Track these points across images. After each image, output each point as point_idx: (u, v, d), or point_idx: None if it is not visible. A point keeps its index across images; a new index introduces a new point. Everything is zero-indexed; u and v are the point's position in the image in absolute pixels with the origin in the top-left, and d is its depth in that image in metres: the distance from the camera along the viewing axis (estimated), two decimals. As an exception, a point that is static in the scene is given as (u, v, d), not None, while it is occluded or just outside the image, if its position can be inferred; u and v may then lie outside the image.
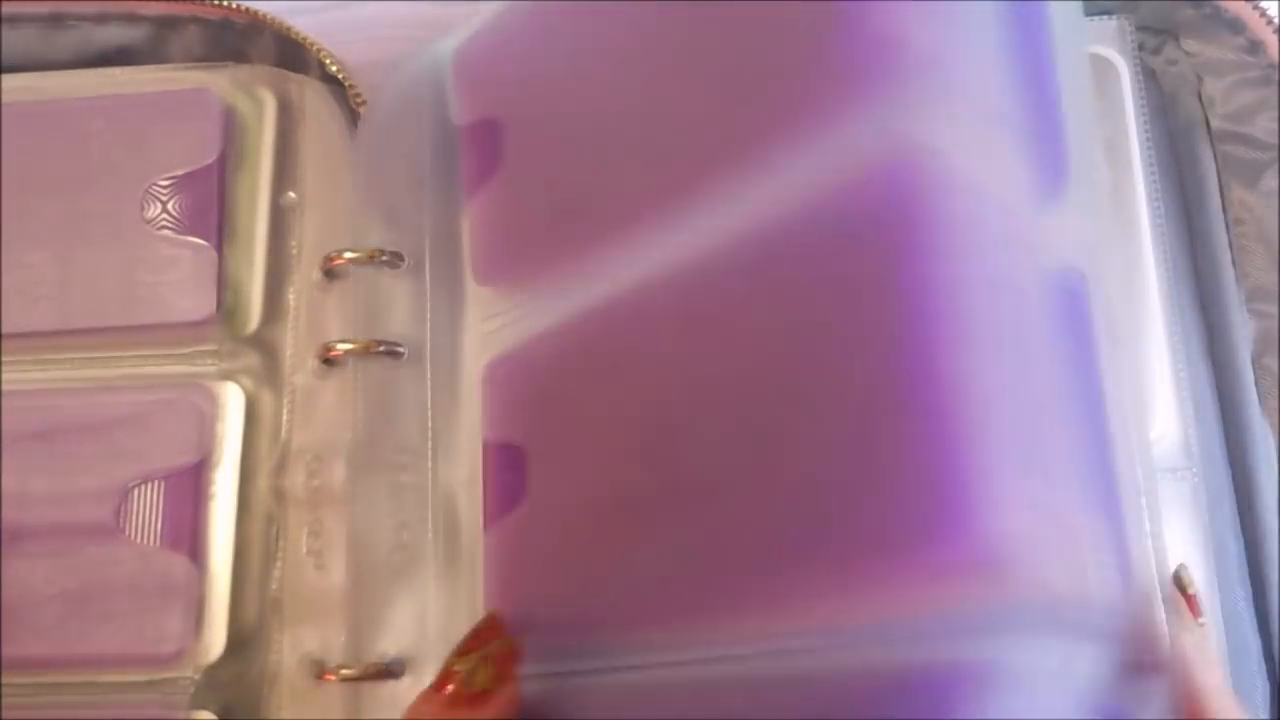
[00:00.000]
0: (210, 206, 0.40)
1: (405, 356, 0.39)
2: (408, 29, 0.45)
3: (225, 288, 0.39)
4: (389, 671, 0.36)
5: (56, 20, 0.42)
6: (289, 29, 0.42)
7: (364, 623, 0.37)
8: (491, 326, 0.37)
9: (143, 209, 0.40)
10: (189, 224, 0.40)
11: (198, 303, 0.39)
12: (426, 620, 0.37)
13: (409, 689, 0.36)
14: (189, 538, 0.37)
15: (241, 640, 0.37)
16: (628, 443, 0.31)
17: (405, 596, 0.37)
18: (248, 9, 0.42)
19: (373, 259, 0.39)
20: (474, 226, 0.38)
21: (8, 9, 0.42)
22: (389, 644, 0.37)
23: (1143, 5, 0.41)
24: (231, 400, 0.39)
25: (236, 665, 0.37)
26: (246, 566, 0.38)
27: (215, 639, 0.37)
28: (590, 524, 0.32)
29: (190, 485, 0.38)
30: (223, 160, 0.40)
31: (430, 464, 0.38)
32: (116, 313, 0.39)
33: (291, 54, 0.43)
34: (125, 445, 0.38)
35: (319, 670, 0.37)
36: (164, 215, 0.40)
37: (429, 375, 0.38)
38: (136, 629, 0.37)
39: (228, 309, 0.39)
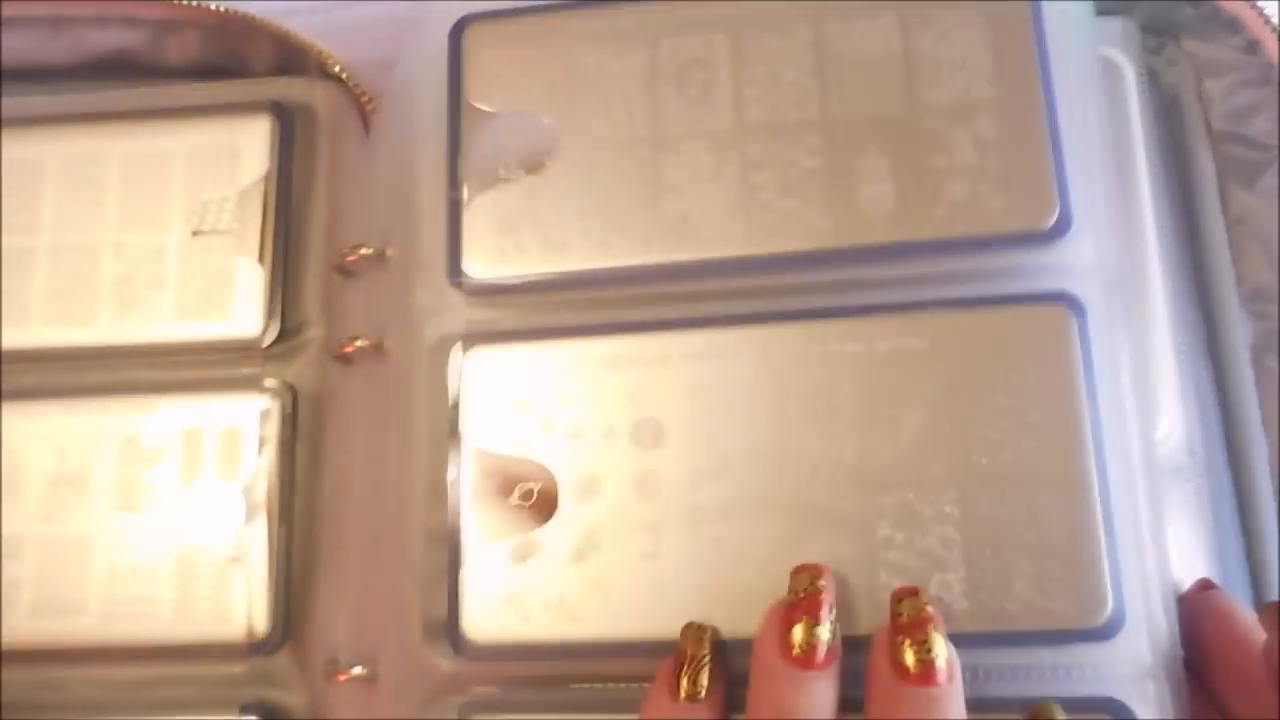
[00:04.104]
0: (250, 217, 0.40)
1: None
2: (403, 29, 0.45)
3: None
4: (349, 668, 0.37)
5: (56, 23, 0.42)
6: (287, 32, 0.42)
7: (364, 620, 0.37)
8: (472, 316, 0.37)
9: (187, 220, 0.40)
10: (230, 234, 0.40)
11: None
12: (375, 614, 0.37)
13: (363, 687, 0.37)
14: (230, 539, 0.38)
15: (276, 638, 0.37)
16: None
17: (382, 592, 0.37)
18: (243, 15, 0.42)
19: (384, 256, 0.39)
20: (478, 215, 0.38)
21: (7, 11, 0.41)
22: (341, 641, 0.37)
23: (1143, 5, 0.41)
24: (252, 404, 0.39)
25: (273, 662, 0.37)
26: (275, 565, 0.38)
27: (255, 635, 0.37)
28: None
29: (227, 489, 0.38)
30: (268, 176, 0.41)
31: (405, 462, 0.37)
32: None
33: (290, 56, 0.43)
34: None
35: (332, 670, 0.37)
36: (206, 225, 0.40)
37: (410, 371, 0.38)
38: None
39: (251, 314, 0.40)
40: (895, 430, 0.33)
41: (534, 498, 0.34)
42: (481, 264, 0.36)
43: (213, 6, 0.42)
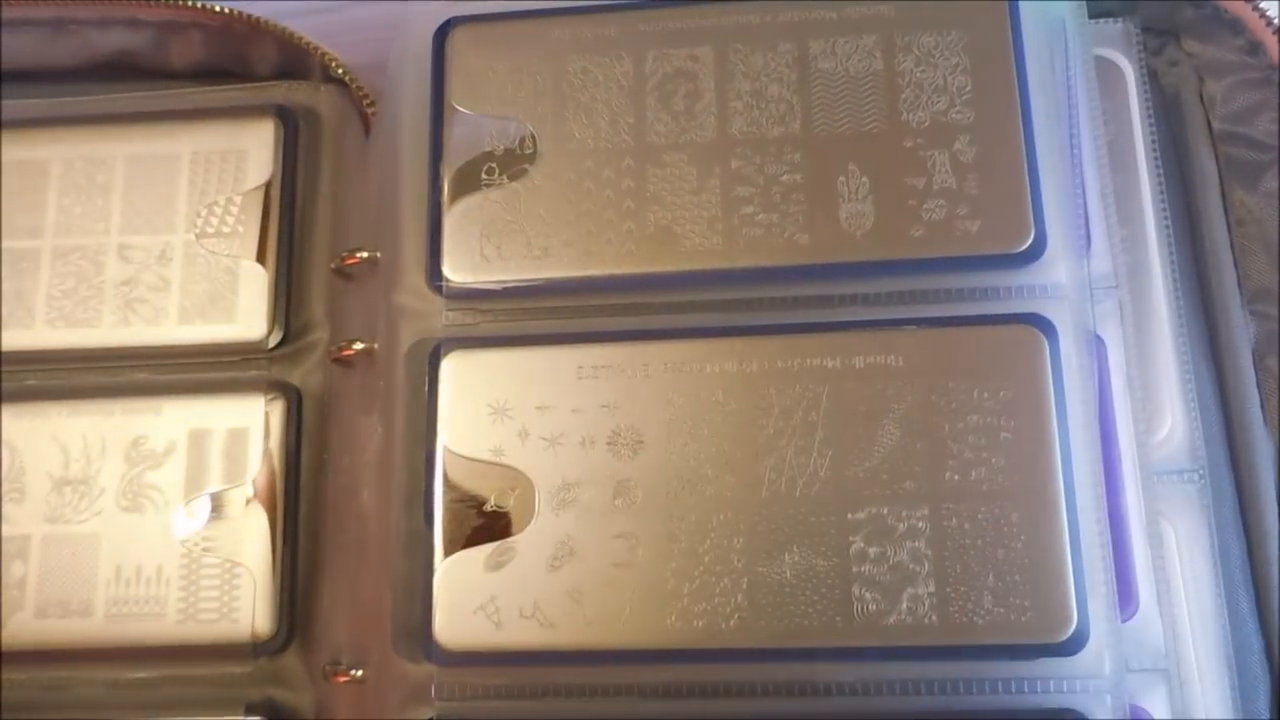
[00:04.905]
0: (255, 220, 0.41)
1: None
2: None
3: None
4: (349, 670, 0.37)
5: (59, 25, 0.43)
6: (291, 34, 0.42)
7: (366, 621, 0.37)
8: (451, 320, 0.37)
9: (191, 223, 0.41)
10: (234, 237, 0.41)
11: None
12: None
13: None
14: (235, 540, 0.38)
15: (281, 638, 0.38)
16: None
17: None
18: (247, 16, 0.42)
19: (378, 260, 0.39)
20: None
21: (9, 12, 0.42)
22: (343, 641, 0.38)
23: (1143, 6, 0.40)
24: (257, 406, 0.39)
25: (278, 662, 0.38)
26: (281, 566, 0.38)
27: (260, 635, 0.38)
28: None
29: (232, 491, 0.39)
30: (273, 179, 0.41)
31: (385, 464, 0.38)
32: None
33: (293, 58, 0.43)
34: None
35: (332, 671, 0.38)
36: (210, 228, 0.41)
37: (391, 374, 0.38)
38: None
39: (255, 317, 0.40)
40: (869, 445, 0.34)
41: (510, 504, 0.35)
42: (461, 268, 0.37)
43: (216, 8, 0.42)
